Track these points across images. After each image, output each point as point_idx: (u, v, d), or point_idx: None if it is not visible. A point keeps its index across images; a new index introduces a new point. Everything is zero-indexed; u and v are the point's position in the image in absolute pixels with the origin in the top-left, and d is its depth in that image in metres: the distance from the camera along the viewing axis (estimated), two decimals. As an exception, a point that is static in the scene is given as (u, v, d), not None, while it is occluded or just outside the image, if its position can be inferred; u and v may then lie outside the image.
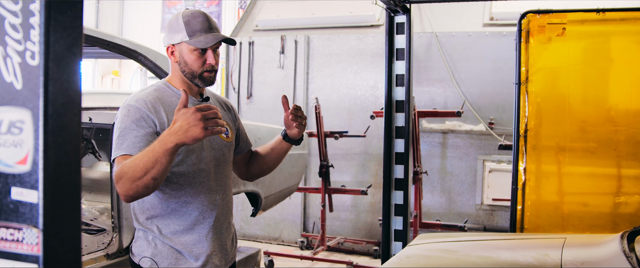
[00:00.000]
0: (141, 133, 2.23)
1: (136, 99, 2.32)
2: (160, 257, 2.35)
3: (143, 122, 2.25)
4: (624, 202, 3.96)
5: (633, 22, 4.00)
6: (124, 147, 2.21)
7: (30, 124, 0.91)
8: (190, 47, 2.35)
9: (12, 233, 0.93)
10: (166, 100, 2.37)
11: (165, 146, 2.02)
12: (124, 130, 2.25)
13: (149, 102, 2.30)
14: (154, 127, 2.27)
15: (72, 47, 0.93)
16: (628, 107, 4.03)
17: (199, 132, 2.00)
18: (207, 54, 2.37)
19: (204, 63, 2.37)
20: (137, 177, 2.06)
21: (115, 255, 3.37)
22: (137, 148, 2.18)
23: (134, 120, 2.25)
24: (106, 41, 3.46)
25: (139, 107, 2.28)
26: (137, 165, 2.06)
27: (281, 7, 8.08)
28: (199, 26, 2.34)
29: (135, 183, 2.08)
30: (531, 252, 2.68)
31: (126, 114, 2.28)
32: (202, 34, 2.34)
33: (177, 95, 2.41)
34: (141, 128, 2.24)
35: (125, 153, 2.19)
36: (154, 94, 2.37)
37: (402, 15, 4.33)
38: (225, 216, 2.51)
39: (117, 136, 2.26)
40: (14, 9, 0.92)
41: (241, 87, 7.81)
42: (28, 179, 0.91)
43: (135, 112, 2.27)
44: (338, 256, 7.01)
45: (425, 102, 6.80)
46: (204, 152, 2.40)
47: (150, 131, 2.25)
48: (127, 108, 2.30)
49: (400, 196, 4.43)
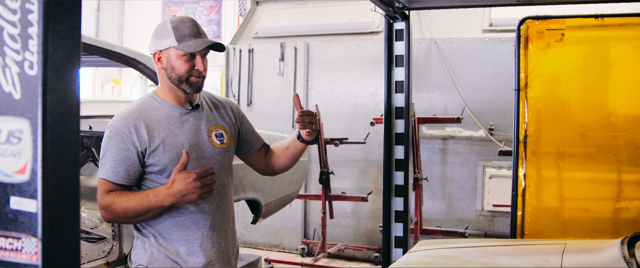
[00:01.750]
0: (120, 157, 2.29)
1: (118, 118, 2.35)
2: (155, 265, 2.35)
3: (122, 144, 2.30)
4: (625, 208, 3.95)
5: (632, 28, 4.00)
6: (103, 171, 2.31)
7: (28, 134, 0.91)
8: (179, 52, 2.32)
9: (11, 242, 0.93)
10: (149, 115, 2.36)
11: (162, 203, 2.22)
12: (106, 151, 2.32)
13: (130, 121, 2.32)
14: (134, 148, 2.30)
15: (71, 56, 0.93)
16: (628, 112, 4.03)
17: (194, 198, 2.21)
18: (196, 59, 2.34)
19: (191, 68, 2.35)
20: (126, 216, 2.27)
21: (115, 263, 3.37)
22: (114, 174, 2.28)
23: (114, 142, 2.31)
24: (106, 50, 3.47)
25: (119, 128, 2.32)
26: (129, 208, 2.23)
27: (281, 15, 8.10)
28: (187, 31, 2.32)
29: (121, 218, 2.30)
30: (531, 258, 2.68)
31: (108, 134, 2.33)
32: (191, 39, 2.32)
33: (163, 107, 2.40)
34: (120, 150, 2.29)
35: (105, 178, 2.30)
36: (137, 110, 2.37)
37: (401, 22, 4.33)
38: (221, 224, 2.48)
39: (101, 156, 2.34)
40: (12, 19, 0.92)
41: (241, 94, 7.82)
42: (27, 189, 0.91)
43: (115, 134, 2.31)
44: (339, 263, 7.00)
45: (425, 108, 6.80)
46: (194, 163, 2.38)
47: (129, 153, 2.30)
48: (109, 128, 2.34)
49: (401, 202, 4.42)
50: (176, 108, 2.42)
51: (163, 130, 2.34)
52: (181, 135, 2.37)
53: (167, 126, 2.36)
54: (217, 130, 2.50)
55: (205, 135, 2.45)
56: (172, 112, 2.41)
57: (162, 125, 2.35)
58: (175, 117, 2.40)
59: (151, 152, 2.31)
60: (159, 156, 2.31)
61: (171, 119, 2.39)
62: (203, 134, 2.44)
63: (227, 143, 2.53)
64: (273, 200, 4.72)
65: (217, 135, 2.49)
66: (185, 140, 2.37)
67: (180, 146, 2.34)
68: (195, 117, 2.45)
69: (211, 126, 2.49)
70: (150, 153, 2.31)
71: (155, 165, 2.32)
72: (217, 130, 2.50)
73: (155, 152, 2.31)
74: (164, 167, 2.32)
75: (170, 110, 2.41)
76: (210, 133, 2.47)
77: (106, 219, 2.31)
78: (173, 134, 2.36)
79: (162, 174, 2.34)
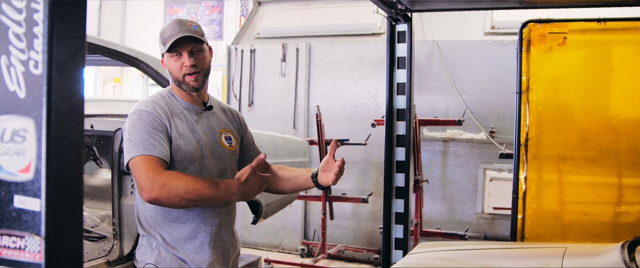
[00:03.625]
0: (155, 134, 2.26)
1: (145, 103, 2.36)
2: (163, 264, 2.36)
3: (154, 123, 2.29)
4: (625, 212, 3.95)
5: (634, 32, 4.00)
6: (141, 148, 2.22)
7: (33, 133, 0.91)
8: (167, 54, 2.39)
9: (14, 241, 0.93)
10: (170, 107, 2.40)
11: (230, 197, 2.25)
12: (140, 132, 2.26)
13: (158, 106, 2.35)
14: (165, 129, 2.31)
15: (75, 56, 0.94)
16: (629, 116, 4.03)
17: (255, 193, 2.29)
18: (182, 56, 2.38)
19: (181, 66, 2.38)
20: (187, 197, 2.16)
21: (116, 262, 3.37)
22: (155, 149, 2.22)
23: (146, 123, 2.28)
24: (108, 49, 3.47)
25: (149, 110, 2.32)
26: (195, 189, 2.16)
27: (283, 15, 8.10)
28: (169, 33, 2.37)
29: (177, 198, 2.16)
30: (532, 261, 2.68)
31: (137, 118, 2.31)
32: (172, 38, 2.35)
33: (180, 103, 2.44)
34: (154, 129, 2.28)
35: (146, 154, 2.21)
36: (160, 100, 2.40)
37: (404, 24, 4.33)
38: (227, 225, 2.52)
39: (130, 139, 2.27)
40: (17, 19, 0.92)
41: (242, 95, 7.82)
42: (31, 187, 0.91)
43: (146, 116, 2.30)
44: (339, 264, 7.00)
45: (427, 110, 6.80)
46: (206, 160, 2.40)
47: (162, 134, 2.29)
48: (137, 113, 2.32)
49: (401, 204, 4.42)
50: (192, 106, 2.47)
51: (182, 124, 2.38)
52: (197, 132, 2.42)
53: (185, 121, 2.40)
54: (226, 133, 2.55)
55: (216, 136, 2.49)
56: (189, 109, 2.45)
57: (180, 119, 2.39)
58: (191, 114, 2.45)
59: (172, 143, 2.33)
60: (176, 148, 2.33)
61: (188, 115, 2.43)
62: (215, 134, 2.49)
63: (234, 146, 2.57)
64: (273, 201, 4.72)
65: (227, 138, 2.54)
66: (200, 137, 2.41)
67: (197, 142, 2.38)
68: (208, 117, 2.51)
69: (221, 128, 2.53)
70: (171, 144, 2.33)
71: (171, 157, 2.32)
72: (226, 133, 2.55)
73: (174, 144, 2.33)
74: (180, 161, 2.33)
75: (186, 106, 2.45)
76: (221, 135, 2.52)
77: (154, 199, 2.17)
78: (190, 129, 2.40)
79: (177, 168, 2.33)
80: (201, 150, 2.39)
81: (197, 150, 2.37)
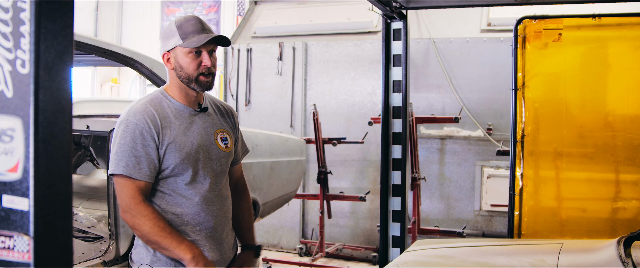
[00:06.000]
0: (141, 152, 2.26)
1: (133, 112, 2.31)
2: (158, 265, 2.35)
3: (142, 139, 2.27)
4: (622, 208, 3.96)
5: (629, 27, 4.01)
6: (125, 168, 2.25)
7: (20, 132, 0.91)
8: (185, 49, 2.32)
9: (3, 240, 0.93)
10: (162, 112, 2.36)
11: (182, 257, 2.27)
12: (125, 146, 2.26)
13: (147, 116, 2.30)
14: (154, 143, 2.29)
15: (63, 55, 0.93)
16: (625, 112, 4.03)
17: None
18: (202, 55, 2.34)
19: (199, 65, 2.34)
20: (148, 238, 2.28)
21: (112, 263, 3.37)
22: (138, 170, 2.25)
23: (133, 137, 2.27)
24: (103, 49, 3.47)
25: (137, 123, 2.28)
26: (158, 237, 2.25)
27: (279, 14, 8.10)
28: (191, 28, 2.32)
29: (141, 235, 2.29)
30: (528, 258, 2.68)
31: (125, 129, 2.28)
32: (195, 35, 2.31)
33: (173, 105, 2.40)
34: (142, 146, 2.27)
35: (129, 176, 2.25)
36: (151, 106, 2.35)
37: (399, 21, 4.33)
38: (223, 226, 2.50)
39: (116, 152, 2.27)
40: (4, 18, 0.92)
41: (239, 94, 7.82)
42: (19, 187, 0.91)
43: (134, 129, 2.28)
44: (337, 262, 7.00)
45: (423, 108, 6.80)
46: (201, 164, 2.39)
47: (150, 149, 2.28)
48: (125, 123, 2.30)
49: (398, 202, 4.42)
50: (186, 108, 2.42)
51: (174, 129, 2.34)
52: (191, 136, 2.38)
53: (178, 125, 2.36)
54: (222, 134, 2.52)
55: (212, 137, 2.46)
56: (182, 111, 2.41)
57: (173, 124, 2.35)
58: (185, 117, 2.40)
59: (164, 150, 2.31)
60: (169, 154, 2.31)
61: (181, 119, 2.39)
62: (210, 136, 2.46)
63: (230, 147, 2.55)
64: (270, 200, 4.72)
65: (222, 138, 2.51)
66: (194, 140, 2.38)
67: (190, 146, 2.35)
68: (203, 119, 2.46)
69: (217, 129, 2.50)
70: (164, 151, 2.31)
71: (164, 164, 2.32)
72: (222, 134, 2.52)
73: (167, 150, 2.31)
74: (173, 167, 2.32)
75: (180, 109, 2.41)
76: (216, 136, 2.48)
77: (124, 218, 2.29)
78: (183, 133, 2.36)
79: (171, 176, 2.33)
80: (196, 153, 2.37)
81: (191, 154, 2.34)
